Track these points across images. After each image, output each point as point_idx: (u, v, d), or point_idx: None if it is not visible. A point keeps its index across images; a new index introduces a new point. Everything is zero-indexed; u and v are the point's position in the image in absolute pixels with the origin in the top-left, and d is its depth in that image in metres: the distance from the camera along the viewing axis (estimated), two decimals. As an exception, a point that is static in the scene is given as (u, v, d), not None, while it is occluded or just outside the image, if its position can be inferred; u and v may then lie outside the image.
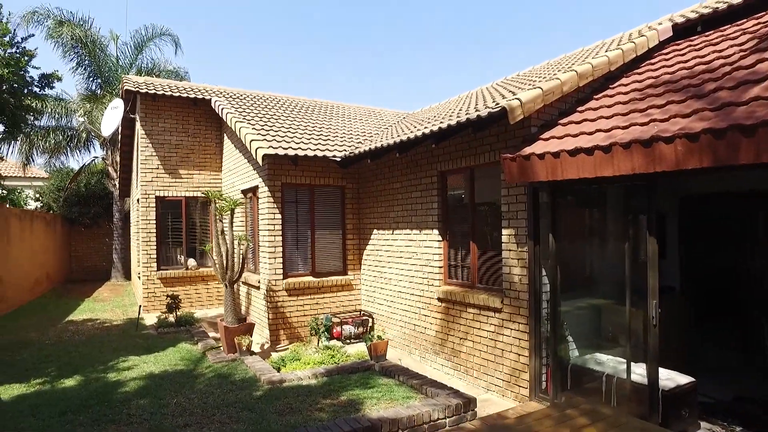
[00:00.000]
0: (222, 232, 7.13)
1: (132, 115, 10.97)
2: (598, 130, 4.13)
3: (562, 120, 4.85)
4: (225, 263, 7.09)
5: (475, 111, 5.35)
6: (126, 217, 16.50)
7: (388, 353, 6.23)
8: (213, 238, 8.18)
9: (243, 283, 8.93)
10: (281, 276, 7.64)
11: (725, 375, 5.45)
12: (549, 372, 4.77)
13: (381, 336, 6.16)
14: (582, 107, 4.95)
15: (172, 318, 8.64)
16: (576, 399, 4.36)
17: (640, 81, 4.85)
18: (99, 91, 15.90)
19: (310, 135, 8.37)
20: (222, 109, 9.22)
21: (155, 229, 10.17)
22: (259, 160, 7.16)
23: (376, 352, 6.02)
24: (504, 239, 5.20)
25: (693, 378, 4.23)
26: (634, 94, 4.55)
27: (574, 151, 3.99)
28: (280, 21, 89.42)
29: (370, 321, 7.88)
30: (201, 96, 10.18)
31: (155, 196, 10.19)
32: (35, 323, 9.12)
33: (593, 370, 4.59)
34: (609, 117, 4.32)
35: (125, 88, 10.01)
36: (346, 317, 7.83)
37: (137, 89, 9.85)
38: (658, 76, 4.75)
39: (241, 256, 7.29)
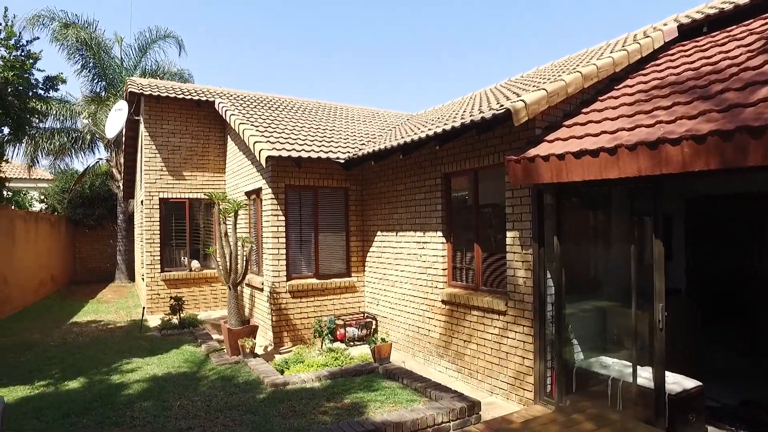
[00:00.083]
0: (225, 234, 7.13)
1: (136, 117, 11.02)
2: (603, 131, 4.10)
3: (566, 122, 4.82)
4: (228, 265, 7.08)
5: (480, 113, 5.33)
6: (130, 219, 16.55)
7: (391, 356, 6.21)
8: (216, 240, 8.18)
9: (246, 285, 8.93)
10: (285, 278, 7.63)
11: (732, 378, 5.39)
12: (554, 375, 4.74)
13: (385, 338, 6.15)
14: (587, 109, 4.92)
15: (175, 320, 8.65)
16: (582, 403, 4.33)
17: (645, 82, 4.81)
18: (103, 93, 15.99)
19: (313, 137, 8.37)
20: (225, 111, 9.22)
21: (159, 231, 10.19)
22: (263, 161, 7.16)
23: (379, 354, 6.00)
24: (508, 241, 5.17)
25: (700, 382, 4.19)
26: (639, 95, 4.51)
27: (579, 153, 3.96)
28: (281, 21, 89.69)
29: (373, 323, 7.87)
30: (204, 98, 10.19)
31: (159, 197, 10.21)
32: (39, 324, 9.15)
33: (598, 373, 4.55)
34: (614, 119, 4.29)
35: (129, 90, 10.04)
36: (349, 319, 7.81)
37: (141, 91, 9.88)
38: (663, 77, 4.71)
39: (245, 258, 7.29)
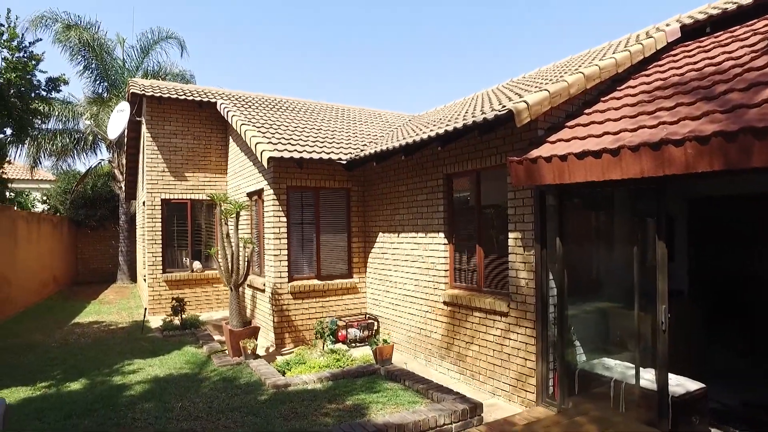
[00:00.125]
0: (227, 235, 7.13)
1: (138, 118, 11.03)
2: (605, 132, 4.08)
3: (569, 122, 4.81)
4: (230, 266, 7.08)
5: (482, 114, 5.32)
6: (132, 220, 16.57)
7: (393, 357, 6.20)
8: (218, 241, 8.18)
9: (248, 286, 8.93)
10: (286, 279, 7.62)
11: (734, 380, 5.37)
12: (556, 377, 4.72)
13: (386, 340, 6.13)
14: (589, 109, 4.90)
15: (177, 321, 8.66)
16: (585, 406, 4.31)
17: (648, 83, 4.80)
18: (105, 94, 16.01)
19: (315, 138, 8.36)
20: (227, 112, 9.23)
21: (161, 232, 10.19)
22: (265, 163, 7.15)
23: (381, 356, 5.99)
24: (510, 243, 5.16)
25: (703, 384, 4.17)
26: (642, 96, 4.50)
27: (581, 154, 3.94)
28: (282, 22, 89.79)
29: (375, 324, 7.85)
30: (206, 99, 10.20)
31: (161, 198, 10.22)
32: (41, 325, 9.16)
33: (601, 375, 4.54)
34: (617, 119, 4.27)
35: (131, 91, 10.06)
36: (351, 320, 7.80)
37: (143, 92, 9.89)
38: (666, 78, 4.69)
39: (246, 259, 7.28)
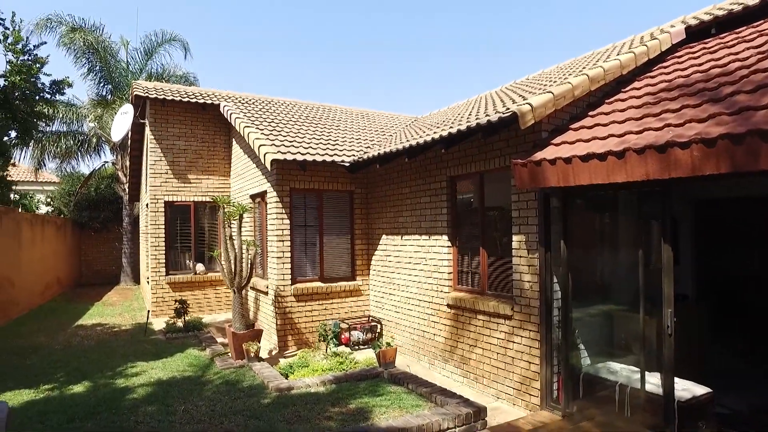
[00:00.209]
0: (230, 237, 7.12)
1: (141, 120, 11.05)
2: (610, 135, 4.06)
3: (573, 125, 4.78)
4: (233, 269, 7.07)
5: (486, 116, 5.30)
6: (135, 222, 16.61)
7: (396, 360, 6.17)
8: (221, 243, 8.17)
9: (251, 289, 8.92)
10: (290, 281, 7.61)
11: (742, 384, 5.32)
12: (560, 380, 4.69)
13: (390, 343, 6.11)
14: (594, 112, 4.88)
15: (180, 323, 8.66)
16: (590, 410, 4.28)
17: (653, 85, 4.77)
18: (109, 97, 16.07)
19: (318, 140, 8.36)
20: (231, 114, 9.23)
21: (164, 234, 10.21)
22: (268, 165, 7.15)
23: (384, 359, 5.96)
24: (514, 245, 5.13)
25: (710, 389, 4.13)
26: (647, 98, 4.47)
27: (586, 157, 3.92)
28: (285, 24, 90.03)
29: (378, 327, 7.83)
30: (210, 101, 10.21)
31: (164, 200, 10.23)
32: (45, 327, 9.17)
33: (606, 379, 4.50)
34: (622, 122, 4.25)
35: (135, 93, 10.08)
36: (354, 323, 7.79)
37: (147, 94, 9.92)
38: (671, 79, 4.66)
39: (250, 261, 7.28)
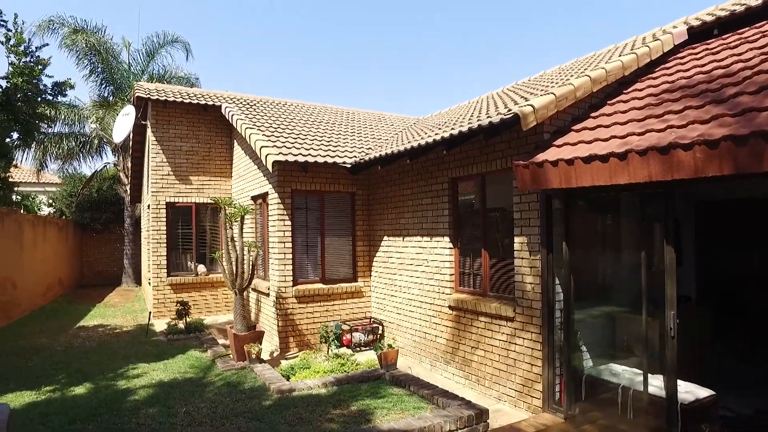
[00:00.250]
0: (232, 238, 7.12)
1: (143, 122, 11.07)
2: (612, 136, 4.05)
3: (575, 126, 4.77)
4: (235, 270, 7.07)
5: (487, 117, 5.29)
6: (137, 223, 16.63)
7: (398, 361, 6.17)
8: (223, 244, 8.18)
9: (253, 290, 8.92)
10: (291, 283, 7.61)
11: (742, 386, 5.30)
12: (563, 382, 4.67)
13: (391, 344, 6.11)
14: (596, 113, 4.87)
15: (181, 324, 8.66)
16: (592, 413, 4.26)
17: (655, 86, 4.76)
18: (111, 98, 16.10)
19: (320, 141, 8.36)
20: (232, 116, 9.24)
21: (165, 235, 10.21)
22: (269, 166, 7.15)
23: (386, 361, 5.96)
24: (516, 247, 5.12)
25: (713, 391, 4.11)
26: (649, 99, 4.46)
27: (588, 158, 3.91)
28: (286, 25, 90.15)
29: (380, 328, 7.82)
30: (211, 102, 10.22)
31: (166, 202, 10.24)
32: (47, 328, 9.18)
33: (608, 381, 4.48)
34: (624, 123, 4.23)
35: (136, 94, 10.10)
36: (356, 324, 7.78)
37: (148, 96, 9.93)
38: (674, 81, 4.65)
39: (251, 263, 7.28)
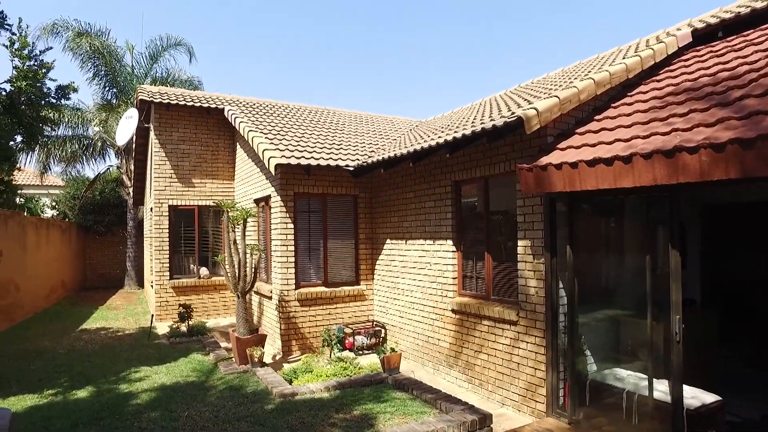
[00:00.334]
0: (234, 242, 7.11)
1: (146, 125, 11.09)
2: (617, 139, 4.02)
3: (579, 129, 4.75)
4: (237, 273, 7.06)
5: (491, 120, 5.28)
6: (140, 225, 16.65)
7: (401, 365, 6.13)
8: (225, 247, 8.17)
9: (255, 293, 8.91)
10: (293, 286, 7.59)
11: (748, 390, 5.25)
12: (566, 387, 4.64)
13: (394, 348, 6.08)
14: (599, 116, 4.84)
15: (184, 327, 8.64)
16: (597, 418, 4.23)
17: (659, 89, 4.73)
18: (114, 101, 16.15)
19: (322, 144, 8.35)
20: (235, 119, 9.25)
21: (168, 238, 10.21)
22: (272, 169, 7.15)
23: (389, 364, 5.93)
24: (520, 250, 5.09)
25: (719, 396, 4.08)
26: (653, 102, 4.43)
27: (592, 162, 3.89)
28: (289, 29, 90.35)
29: (382, 332, 7.79)
30: (214, 105, 10.23)
31: (168, 204, 10.25)
32: (49, 331, 9.18)
33: (613, 385, 4.45)
34: (628, 126, 4.21)
35: (140, 97, 10.12)
36: (358, 328, 7.75)
37: (151, 99, 9.95)
38: (678, 83, 4.63)
39: (254, 266, 7.26)
